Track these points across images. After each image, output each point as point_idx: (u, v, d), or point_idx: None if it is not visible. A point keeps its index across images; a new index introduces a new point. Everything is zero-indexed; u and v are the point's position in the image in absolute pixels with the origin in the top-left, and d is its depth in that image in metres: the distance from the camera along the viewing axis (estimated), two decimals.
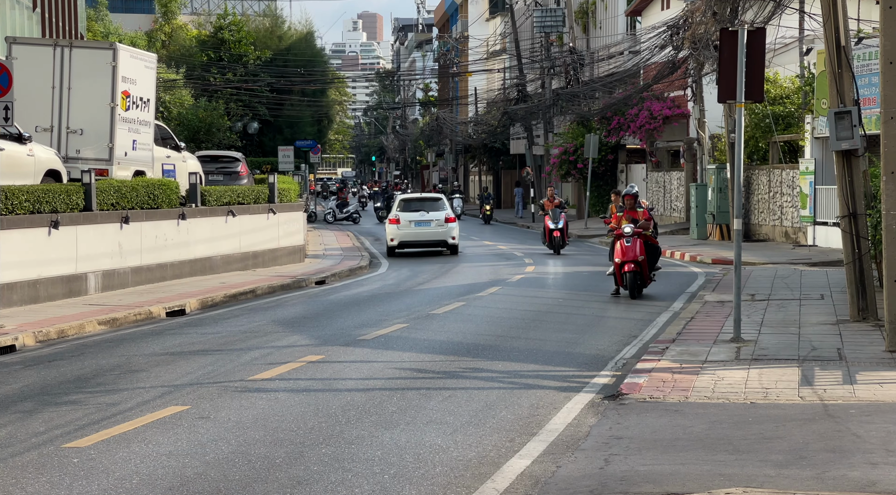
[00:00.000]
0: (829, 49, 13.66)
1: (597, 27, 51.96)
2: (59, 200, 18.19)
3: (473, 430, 8.68)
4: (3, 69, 14.65)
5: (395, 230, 29.53)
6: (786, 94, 30.34)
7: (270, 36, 60.92)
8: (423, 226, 29.49)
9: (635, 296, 17.64)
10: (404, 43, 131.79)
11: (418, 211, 29.76)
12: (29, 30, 34.10)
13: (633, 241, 17.60)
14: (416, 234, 29.49)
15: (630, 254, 17.59)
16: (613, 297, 18.05)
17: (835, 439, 8.00)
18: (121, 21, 61.36)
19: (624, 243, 17.67)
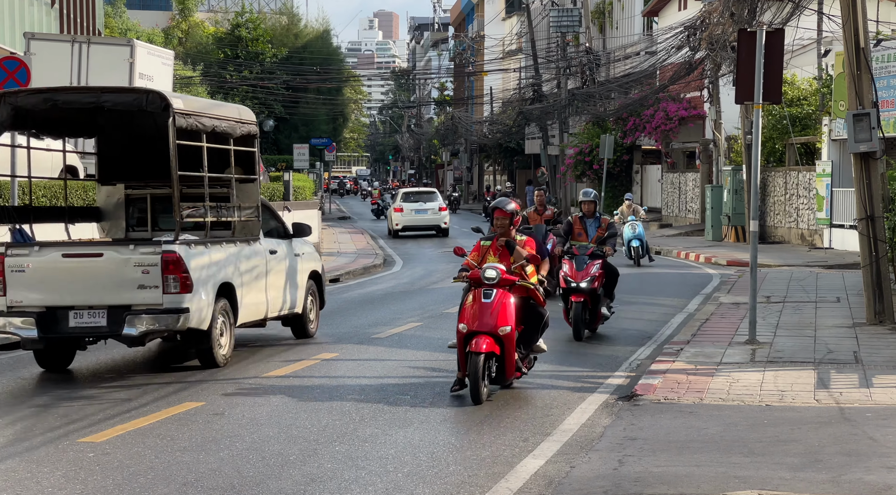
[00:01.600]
0: (848, 50, 13.60)
1: (613, 27, 51.86)
2: (76, 196, 18.24)
3: (487, 430, 8.67)
4: (21, 65, 14.72)
5: (399, 216, 37.49)
6: (803, 95, 30.22)
7: (287, 34, 61.08)
8: (421, 213, 37.47)
9: (581, 338, 13.26)
10: (420, 42, 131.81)
11: (417, 202, 37.85)
12: (47, 26, 34.23)
13: (588, 267, 13.57)
14: (415, 220, 37.42)
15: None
16: (454, 393, 9.77)
17: (851, 442, 7.96)
18: (138, 18, 61.57)
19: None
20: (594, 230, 13.99)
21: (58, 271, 11.05)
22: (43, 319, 10.90)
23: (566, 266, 13.63)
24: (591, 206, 14.15)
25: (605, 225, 13.94)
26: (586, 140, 43.76)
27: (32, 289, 11.03)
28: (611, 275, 13.84)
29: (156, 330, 10.93)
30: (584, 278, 13.38)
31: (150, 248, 11.00)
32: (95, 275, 10.98)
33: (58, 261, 11.09)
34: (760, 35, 12.30)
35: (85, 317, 10.94)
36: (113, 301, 10.92)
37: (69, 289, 11.00)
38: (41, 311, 10.96)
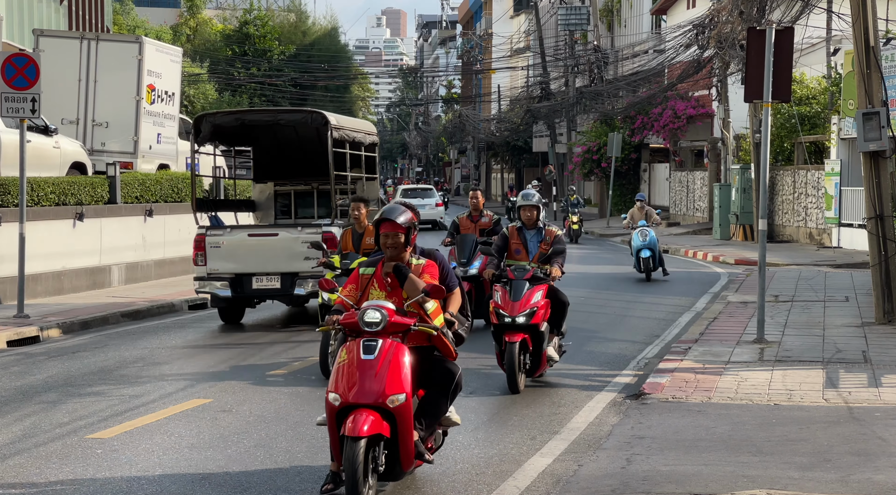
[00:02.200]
0: (857, 49, 13.56)
1: (621, 25, 51.80)
2: (84, 193, 18.29)
3: (495, 428, 8.66)
4: (30, 61, 14.73)
5: None
6: (812, 94, 30.14)
7: (295, 31, 61.09)
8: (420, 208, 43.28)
9: (517, 390, 10.09)
10: (428, 39, 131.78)
11: (415, 198, 41.06)
12: (56, 23, 34.28)
13: (528, 295, 10.24)
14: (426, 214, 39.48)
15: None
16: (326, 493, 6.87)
17: (860, 442, 7.93)
18: (146, 15, 61.66)
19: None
20: (536, 245, 10.67)
21: (244, 247, 14.61)
22: (233, 282, 14.53)
23: (499, 294, 10.25)
24: (532, 214, 10.60)
25: (549, 238, 10.64)
26: (594, 138, 43.71)
27: (226, 260, 14.60)
28: (559, 305, 10.56)
29: (317, 290, 13.73)
30: (521, 310, 10.07)
31: (313, 230, 14.53)
32: (272, 249, 14.53)
33: (244, 239, 14.69)
34: (770, 33, 12.26)
35: (264, 281, 14.55)
36: (285, 269, 14.46)
37: (252, 261, 14.55)
38: (232, 277, 14.55)
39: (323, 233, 14.32)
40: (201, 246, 14.71)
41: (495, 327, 10.26)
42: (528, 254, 10.67)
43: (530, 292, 10.22)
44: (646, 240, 20.10)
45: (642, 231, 20.26)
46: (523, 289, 10.23)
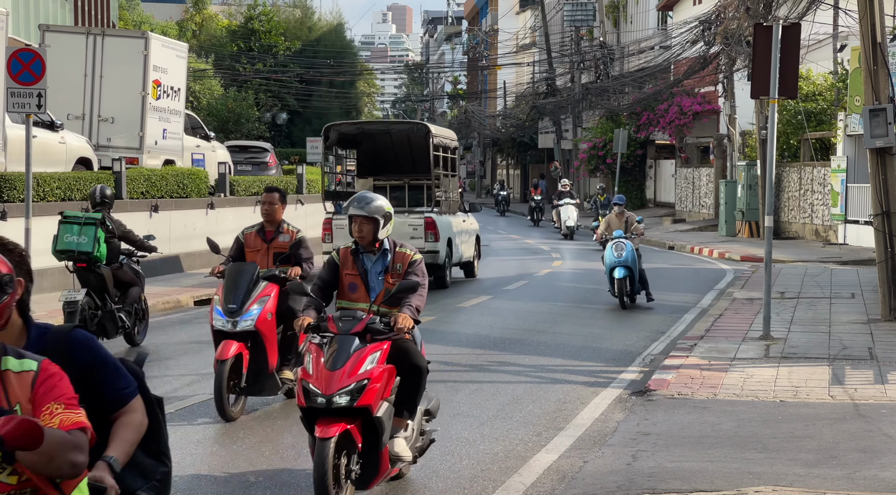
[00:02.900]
0: (864, 45, 13.52)
1: (628, 22, 51.72)
2: (90, 188, 18.30)
3: (500, 424, 8.66)
4: (36, 56, 14.73)
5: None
6: (818, 90, 30.09)
7: (300, 27, 61.06)
8: None
9: None
10: (433, 35, 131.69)
11: None
12: (62, 18, 34.31)
13: (358, 358, 6.46)
14: None
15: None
16: None
17: (866, 439, 7.92)
18: (152, 10, 61.68)
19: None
20: (379, 277, 6.87)
21: None
22: None
23: (311, 358, 6.49)
24: (370, 228, 6.85)
25: (401, 266, 6.86)
26: (600, 134, 43.66)
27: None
28: (411, 372, 6.67)
29: None
30: (342, 385, 6.31)
31: (417, 215, 18.55)
32: None
33: None
34: (777, 29, 12.24)
35: None
36: None
37: None
38: None
39: (425, 218, 18.36)
40: (329, 227, 18.68)
41: (304, 412, 6.38)
42: (367, 289, 6.86)
43: (360, 355, 6.40)
44: (621, 257, 15.72)
45: (618, 244, 15.94)
46: (349, 350, 6.41)
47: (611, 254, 15.90)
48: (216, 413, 8.85)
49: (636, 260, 15.83)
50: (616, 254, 15.79)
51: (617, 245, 15.92)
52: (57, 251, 12.06)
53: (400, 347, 6.63)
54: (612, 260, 15.85)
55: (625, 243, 15.90)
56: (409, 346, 6.70)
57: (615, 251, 15.86)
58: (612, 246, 15.99)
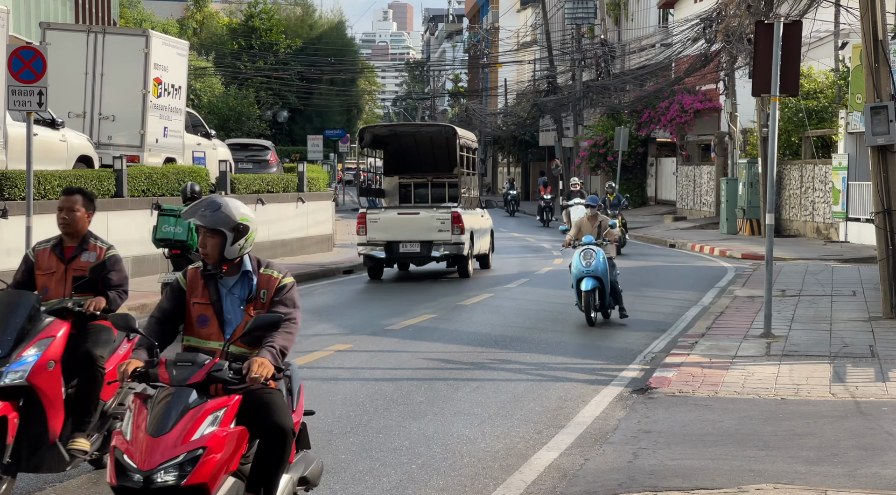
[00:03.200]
0: (865, 43, 13.51)
1: (628, 19, 51.70)
2: (91, 186, 18.29)
3: (501, 422, 8.65)
4: (37, 54, 14.73)
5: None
6: (820, 88, 30.08)
7: (301, 24, 61.07)
8: None
9: None
10: (434, 33, 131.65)
11: None
12: (62, 16, 34.30)
13: (197, 413, 4.80)
14: None
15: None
16: None
17: (867, 436, 7.91)
18: (153, 8, 61.66)
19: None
20: (240, 306, 5.35)
21: (394, 221, 20.01)
22: (386, 247, 19.90)
23: (129, 417, 4.91)
24: (214, 243, 5.35)
25: (269, 291, 5.35)
26: (601, 132, 43.65)
27: (380, 232, 19.89)
28: (271, 433, 5.11)
29: (447, 254, 19.84)
30: (165, 459, 4.73)
31: (445, 210, 20.11)
32: (415, 224, 19.93)
33: (395, 216, 20.20)
34: (778, 27, 12.23)
35: (408, 247, 19.88)
36: (424, 238, 19.83)
37: (400, 232, 19.91)
38: (385, 244, 19.88)
39: (452, 213, 19.97)
40: (363, 220, 20.10)
41: (115, 491, 4.78)
42: (221, 325, 5.30)
43: (196, 413, 4.83)
44: (590, 266, 13.89)
45: (587, 251, 14.03)
46: (181, 408, 4.83)
47: (578, 263, 13.98)
48: None
49: (608, 270, 13.98)
50: (584, 263, 13.92)
51: (586, 252, 14.02)
52: (156, 239, 13.64)
53: (258, 400, 5.04)
54: (579, 269, 13.92)
55: (595, 250, 14.02)
56: (271, 399, 5.08)
57: (583, 259, 13.96)
58: (580, 253, 14.07)
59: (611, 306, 14.32)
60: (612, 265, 14.23)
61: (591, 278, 13.87)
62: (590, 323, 13.86)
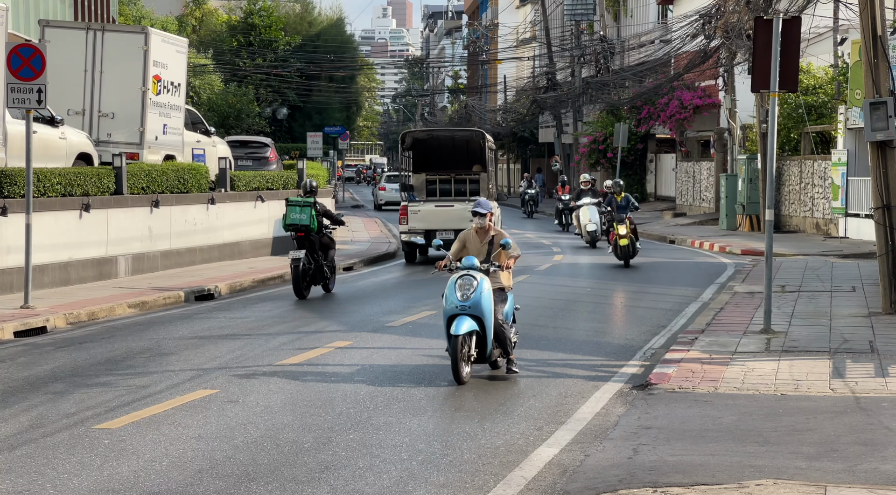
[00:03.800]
0: (865, 38, 13.51)
1: (628, 15, 51.66)
2: (91, 184, 18.29)
3: (501, 418, 8.66)
4: (36, 52, 14.72)
5: (383, 194, 52.55)
6: (819, 84, 30.07)
7: (300, 21, 61.01)
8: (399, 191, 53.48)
9: None
10: (434, 30, 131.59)
11: (397, 182, 49.11)
12: (62, 13, 34.27)
13: None
14: (395, 197, 46.42)
15: None
16: None
17: (866, 432, 7.93)
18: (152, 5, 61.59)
19: None
20: None
21: (431, 213, 23.04)
22: (425, 235, 22.97)
23: None
24: None
25: None
26: (600, 128, 43.64)
27: (419, 222, 23.01)
28: None
29: None
30: None
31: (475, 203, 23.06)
32: (449, 214, 22.82)
33: (432, 208, 23.12)
34: (777, 23, 12.22)
35: (444, 234, 22.24)
36: (458, 226, 21.65)
37: (437, 221, 22.90)
38: (423, 232, 23.00)
39: None
40: (405, 212, 23.10)
41: None
42: None
43: None
44: (467, 299, 10.05)
45: (465, 280, 10.15)
46: None
47: (452, 295, 10.06)
48: (218, 407, 8.86)
49: (492, 307, 10.13)
50: (459, 295, 10.02)
51: (463, 281, 10.10)
52: (286, 225, 17.29)
53: None
54: (452, 303, 10.04)
55: (476, 278, 10.10)
56: None
57: (458, 290, 10.05)
58: (454, 282, 10.12)
59: (489, 355, 10.30)
60: (500, 298, 10.42)
61: (467, 317, 9.97)
62: (457, 380, 9.88)
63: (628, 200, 22.23)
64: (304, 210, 17.16)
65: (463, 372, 9.96)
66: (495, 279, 10.47)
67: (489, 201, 11.67)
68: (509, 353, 10.42)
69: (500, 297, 10.44)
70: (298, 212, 17.17)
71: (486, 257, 10.52)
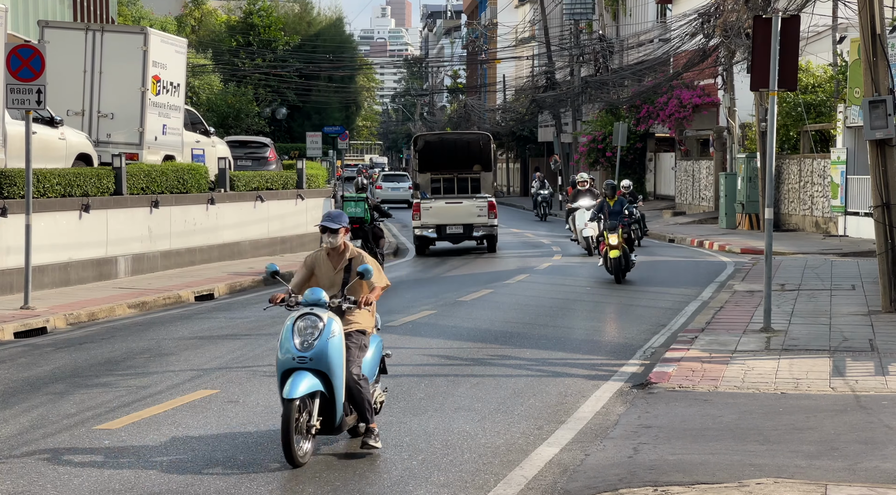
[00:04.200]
0: (864, 37, 13.51)
1: (627, 14, 51.65)
2: (90, 184, 18.30)
3: (502, 417, 8.67)
4: (35, 53, 14.72)
5: (379, 192, 53.24)
6: (818, 82, 30.07)
7: (300, 21, 61.02)
8: (395, 190, 54.99)
9: None
10: (433, 29, 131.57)
11: (393, 181, 56.45)
12: (61, 14, 34.27)
13: None
14: (391, 195, 52.87)
15: None
16: None
17: (867, 430, 7.93)
18: (151, 6, 61.60)
19: None
20: None
21: (442, 209, 25.17)
22: (436, 229, 25.15)
23: None
24: None
25: None
26: (599, 127, 43.63)
27: (431, 217, 25.08)
28: None
29: (483, 234, 25.18)
30: None
31: (482, 198, 25.47)
32: (458, 210, 25.10)
33: (443, 205, 25.26)
34: (776, 22, 12.22)
35: (454, 228, 25.01)
36: (466, 221, 25.04)
37: (447, 217, 25.09)
38: (435, 226, 25.13)
39: (488, 201, 25.17)
40: (418, 209, 25.22)
41: None
42: None
43: None
44: (308, 349, 7.43)
45: (309, 320, 7.52)
46: None
47: (288, 341, 7.45)
48: (218, 407, 8.86)
49: (343, 358, 7.48)
50: (298, 342, 7.42)
51: (304, 323, 7.48)
52: None
53: None
54: (288, 353, 7.43)
55: (323, 319, 7.46)
56: None
57: (297, 336, 7.44)
58: (292, 323, 7.49)
59: (339, 424, 7.51)
60: (358, 345, 7.65)
61: (307, 373, 7.30)
62: (290, 461, 7.18)
63: (622, 205, 18.72)
64: (358, 204, 19.72)
65: (299, 451, 7.18)
66: (351, 319, 7.73)
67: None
68: (369, 420, 7.59)
69: (359, 343, 7.67)
70: (353, 206, 19.65)
71: (342, 289, 7.80)
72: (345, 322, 7.68)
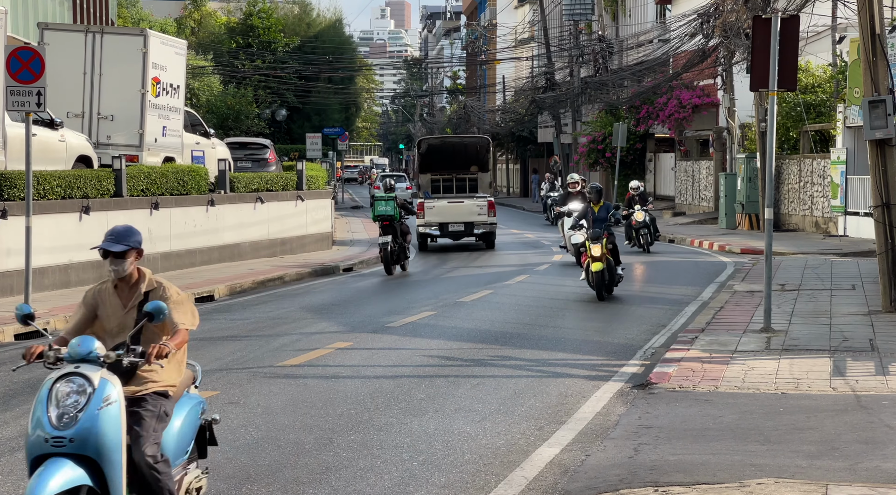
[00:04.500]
0: (863, 37, 13.52)
1: (626, 15, 51.66)
2: (90, 186, 18.31)
3: (502, 418, 8.67)
4: (35, 55, 14.72)
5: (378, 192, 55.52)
6: (817, 82, 30.07)
7: (299, 23, 61.07)
8: None
9: None
10: (432, 31, 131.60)
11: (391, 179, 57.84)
12: (60, 16, 34.28)
13: None
14: None
15: None
16: None
17: (867, 430, 7.93)
18: (151, 7, 61.65)
19: None
20: None
21: (445, 208, 26.75)
22: (439, 227, 26.70)
23: None
24: None
25: None
26: (599, 128, 43.63)
27: (434, 215, 26.64)
28: None
29: (483, 232, 26.70)
30: None
31: (482, 198, 27.04)
32: (460, 209, 26.68)
33: (445, 204, 26.82)
34: (775, 22, 12.23)
35: (456, 226, 26.54)
36: (467, 219, 26.61)
37: (449, 215, 26.64)
38: (438, 224, 26.68)
39: (488, 200, 26.84)
40: (422, 208, 26.60)
41: None
42: None
43: None
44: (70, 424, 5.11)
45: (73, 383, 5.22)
46: None
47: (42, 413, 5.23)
48: (219, 408, 8.86)
49: (123, 437, 5.24)
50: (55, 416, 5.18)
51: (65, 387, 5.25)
52: (375, 216, 21.17)
53: None
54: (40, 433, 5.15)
55: (93, 383, 5.23)
56: None
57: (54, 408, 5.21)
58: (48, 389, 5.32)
59: None
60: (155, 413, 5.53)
61: (66, 460, 5.08)
62: None
63: (608, 210, 16.71)
64: (387, 203, 21.11)
65: None
66: (147, 377, 5.64)
67: None
68: None
69: (157, 410, 5.55)
70: (384, 204, 21.06)
71: (136, 336, 5.71)
72: (137, 381, 5.55)
